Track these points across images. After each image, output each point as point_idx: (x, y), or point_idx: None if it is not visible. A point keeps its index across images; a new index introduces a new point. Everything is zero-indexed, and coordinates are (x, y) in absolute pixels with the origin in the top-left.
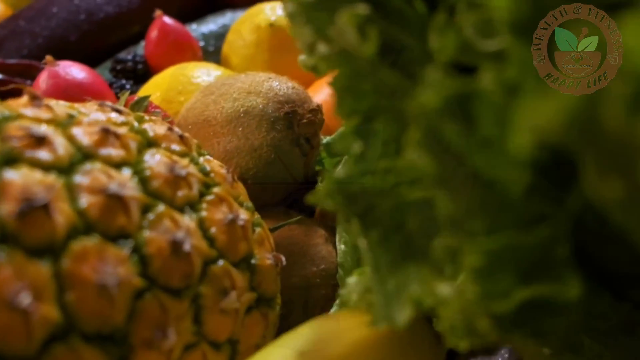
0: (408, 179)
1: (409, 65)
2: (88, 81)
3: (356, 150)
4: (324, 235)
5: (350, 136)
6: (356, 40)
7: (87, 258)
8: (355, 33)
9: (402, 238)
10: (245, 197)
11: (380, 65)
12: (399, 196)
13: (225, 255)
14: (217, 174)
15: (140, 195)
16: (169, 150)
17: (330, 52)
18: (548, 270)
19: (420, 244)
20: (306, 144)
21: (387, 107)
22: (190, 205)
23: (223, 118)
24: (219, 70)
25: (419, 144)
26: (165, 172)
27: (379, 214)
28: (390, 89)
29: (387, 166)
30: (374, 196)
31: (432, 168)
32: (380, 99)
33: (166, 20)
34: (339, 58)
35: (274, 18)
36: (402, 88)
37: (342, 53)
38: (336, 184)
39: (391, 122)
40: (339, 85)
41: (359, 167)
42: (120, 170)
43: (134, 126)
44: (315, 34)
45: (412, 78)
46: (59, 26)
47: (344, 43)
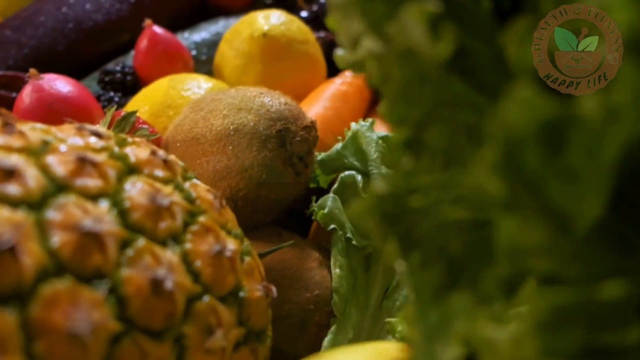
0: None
1: (478, 73)
2: (74, 95)
3: (405, 165)
4: (319, 259)
5: (400, 148)
6: (426, 41)
7: (57, 303)
8: (426, 32)
9: (446, 262)
10: (234, 224)
11: (450, 71)
12: (440, 215)
13: (211, 290)
14: (204, 200)
15: (118, 230)
16: (151, 176)
17: (385, 50)
18: (616, 322)
19: (466, 271)
20: (299, 163)
21: (444, 117)
22: (173, 237)
23: (212, 136)
24: (210, 82)
25: (493, 166)
26: (146, 202)
27: (419, 234)
28: (455, 99)
29: (433, 181)
30: (416, 214)
31: (503, 193)
32: (438, 107)
33: (156, 29)
34: (397, 59)
35: (267, 27)
36: (471, 99)
37: (403, 53)
38: (378, 201)
39: (447, 134)
40: (393, 90)
41: (406, 183)
42: (97, 202)
43: (114, 152)
44: (369, 28)
45: (483, 88)
46: (46, 35)
47: (408, 42)
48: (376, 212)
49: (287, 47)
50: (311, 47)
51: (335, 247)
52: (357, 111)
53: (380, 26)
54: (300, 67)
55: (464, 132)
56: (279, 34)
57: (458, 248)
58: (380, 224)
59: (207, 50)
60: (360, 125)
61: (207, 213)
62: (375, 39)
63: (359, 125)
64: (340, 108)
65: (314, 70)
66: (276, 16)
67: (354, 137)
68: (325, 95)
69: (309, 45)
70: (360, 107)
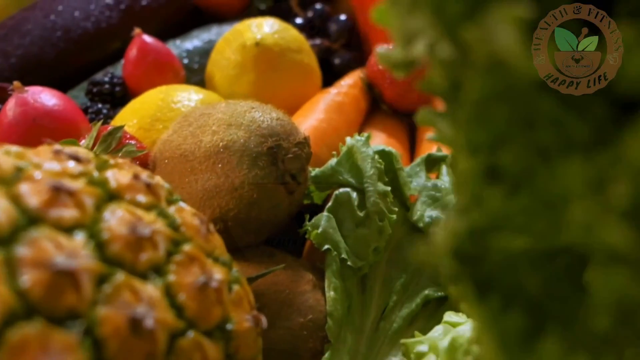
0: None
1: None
2: (59, 108)
3: (489, 199)
4: (312, 281)
5: (479, 179)
6: (520, 53)
7: (26, 349)
8: (520, 43)
9: (527, 304)
10: (222, 250)
11: (542, 88)
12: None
13: (196, 325)
14: (189, 226)
15: (94, 265)
16: (133, 203)
17: (458, 57)
18: None
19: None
20: (292, 181)
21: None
22: (155, 269)
23: (201, 153)
24: (201, 94)
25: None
26: (126, 232)
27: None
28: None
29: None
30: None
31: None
32: (515, 127)
33: (145, 38)
34: (477, 69)
35: (260, 36)
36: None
37: (486, 64)
38: (455, 239)
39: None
40: (468, 107)
41: (489, 218)
42: (73, 235)
43: (94, 177)
44: (440, 29)
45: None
46: (33, 44)
47: (493, 52)
48: (452, 252)
49: (280, 57)
50: (305, 55)
51: (330, 268)
52: (353, 123)
53: (454, 28)
54: (294, 76)
55: (538, 153)
56: (272, 42)
57: (536, 286)
58: (457, 265)
59: (199, 58)
60: (355, 140)
61: (193, 240)
62: (447, 42)
63: (354, 140)
64: (335, 120)
65: (309, 79)
66: (269, 24)
67: (349, 153)
68: (320, 106)
69: (304, 54)
70: (357, 119)
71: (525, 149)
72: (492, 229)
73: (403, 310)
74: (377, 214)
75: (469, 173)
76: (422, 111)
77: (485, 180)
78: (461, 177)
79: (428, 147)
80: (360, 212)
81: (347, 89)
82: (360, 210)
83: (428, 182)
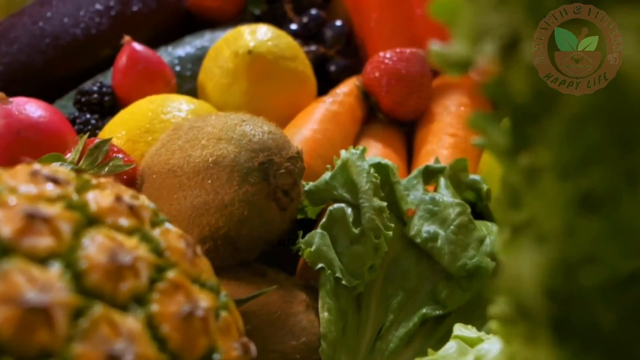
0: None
1: None
2: (45, 120)
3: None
4: (305, 301)
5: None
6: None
7: None
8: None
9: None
10: (209, 274)
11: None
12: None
13: (180, 357)
14: (174, 250)
15: (70, 298)
16: (114, 227)
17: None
18: None
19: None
20: (284, 197)
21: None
22: (136, 299)
23: (190, 168)
24: (192, 104)
25: None
26: (105, 261)
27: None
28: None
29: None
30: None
31: None
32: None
33: (135, 46)
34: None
35: (253, 44)
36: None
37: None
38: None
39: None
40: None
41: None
42: (47, 266)
43: (72, 200)
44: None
45: None
46: (21, 52)
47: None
48: (544, 288)
49: (274, 65)
50: (300, 63)
51: (324, 287)
52: (349, 133)
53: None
54: (288, 85)
55: (626, 177)
56: (266, 50)
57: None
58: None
59: (191, 65)
60: (350, 153)
61: (178, 266)
62: (539, 43)
63: (349, 154)
64: (330, 130)
65: (303, 88)
66: (262, 31)
67: (343, 167)
68: (315, 116)
69: (298, 61)
70: (352, 128)
71: (613, 171)
72: (583, 262)
73: (400, 329)
74: (372, 230)
75: (559, 199)
76: (474, 115)
77: (579, 209)
78: (549, 202)
79: (425, 157)
80: (355, 228)
81: (343, 98)
82: (356, 227)
83: (426, 195)
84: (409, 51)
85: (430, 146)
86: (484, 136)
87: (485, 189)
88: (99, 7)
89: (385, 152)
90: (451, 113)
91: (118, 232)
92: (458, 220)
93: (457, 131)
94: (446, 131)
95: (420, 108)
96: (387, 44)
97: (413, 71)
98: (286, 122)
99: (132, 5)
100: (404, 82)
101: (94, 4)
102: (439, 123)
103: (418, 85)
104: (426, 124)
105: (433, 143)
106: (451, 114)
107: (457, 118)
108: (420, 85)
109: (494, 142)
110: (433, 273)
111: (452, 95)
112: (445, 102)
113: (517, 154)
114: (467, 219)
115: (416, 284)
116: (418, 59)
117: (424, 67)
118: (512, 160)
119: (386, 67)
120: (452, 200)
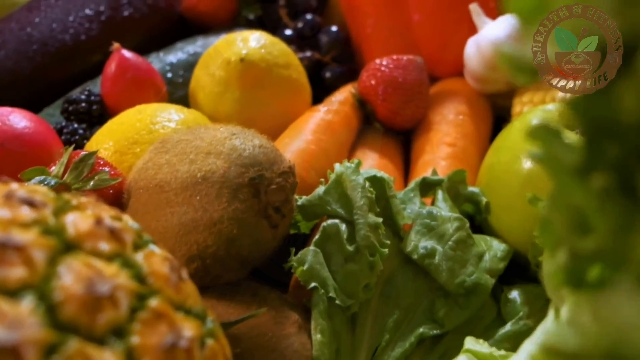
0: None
1: None
2: (30, 131)
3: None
4: (298, 322)
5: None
6: None
7: None
8: None
9: None
10: (195, 300)
11: None
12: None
13: None
14: (158, 275)
15: (42, 334)
16: (93, 253)
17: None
18: None
19: None
20: (276, 214)
21: None
22: (115, 331)
23: (178, 184)
24: (182, 114)
25: None
26: (82, 291)
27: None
28: None
29: None
30: None
31: None
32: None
33: (125, 53)
34: None
35: (246, 52)
36: None
37: None
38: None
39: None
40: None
41: None
42: (18, 299)
43: (49, 225)
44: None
45: None
46: (8, 58)
47: None
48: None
49: (267, 73)
50: (294, 71)
51: (317, 308)
52: (344, 143)
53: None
54: (282, 93)
55: None
56: (259, 58)
57: None
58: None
59: (183, 72)
60: (345, 167)
61: (161, 293)
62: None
63: (343, 167)
64: (324, 141)
65: (297, 96)
66: (255, 38)
67: (337, 181)
68: (309, 126)
69: (292, 69)
70: (347, 138)
71: None
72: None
73: (396, 349)
74: (367, 248)
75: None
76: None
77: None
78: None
79: (423, 168)
80: (349, 246)
81: (338, 107)
82: (350, 244)
83: (423, 209)
84: (405, 58)
85: (428, 156)
86: (543, 150)
87: (484, 201)
88: (89, 12)
89: (381, 163)
90: (449, 122)
91: (97, 258)
92: (456, 235)
93: (455, 141)
94: (444, 141)
95: (417, 117)
96: (384, 50)
97: (410, 79)
98: (279, 132)
99: (123, 10)
100: (401, 91)
101: (84, 9)
102: (436, 132)
103: (415, 93)
104: (424, 133)
105: (431, 153)
106: (449, 122)
107: (455, 127)
108: (418, 93)
109: (557, 157)
110: (430, 290)
111: (451, 103)
112: (443, 111)
113: (588, 173)
114: (466, 234)
115: (413, 302)
116: (415, 66)
117: (421, 74)
118: (579, 180)
119: (382, 75)
120: (450, 215)
